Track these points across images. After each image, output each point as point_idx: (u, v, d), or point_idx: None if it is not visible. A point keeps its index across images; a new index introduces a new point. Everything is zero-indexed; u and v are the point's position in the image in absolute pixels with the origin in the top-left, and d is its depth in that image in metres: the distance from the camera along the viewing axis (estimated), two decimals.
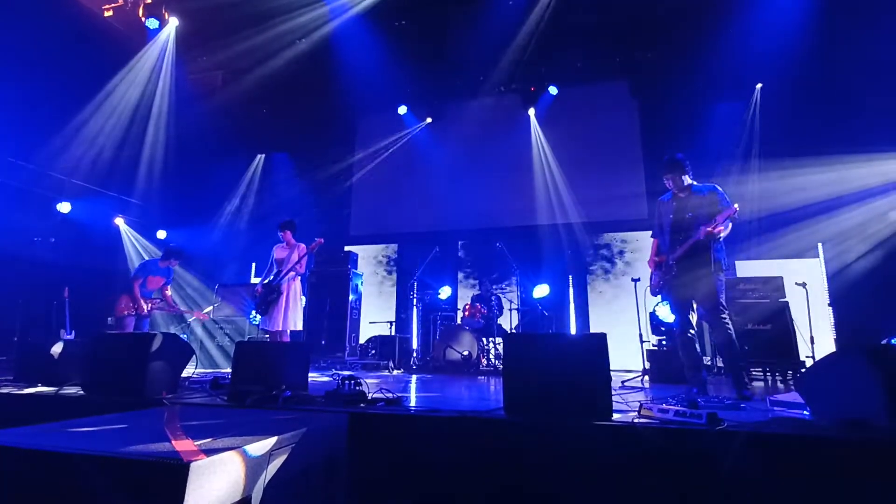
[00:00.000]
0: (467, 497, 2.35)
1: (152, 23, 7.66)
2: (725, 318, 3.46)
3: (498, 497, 2.31)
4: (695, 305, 3.69)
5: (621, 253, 8.24)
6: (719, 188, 3.72)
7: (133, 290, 5.80)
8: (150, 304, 5.89)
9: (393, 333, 7.21)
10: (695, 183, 3.80)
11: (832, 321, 6.59)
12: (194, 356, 5.91)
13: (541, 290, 7.02)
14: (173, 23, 7.95)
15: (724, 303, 3.50)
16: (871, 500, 1.90)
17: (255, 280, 8.49)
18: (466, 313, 6.56)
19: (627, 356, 5.63)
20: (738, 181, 7.29)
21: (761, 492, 2.00)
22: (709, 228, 3.42)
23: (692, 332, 3.66)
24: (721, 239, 3.55)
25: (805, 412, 2.53)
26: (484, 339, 6.46)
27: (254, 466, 1.61)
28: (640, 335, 5.15)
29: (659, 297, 4.12)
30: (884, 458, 1.92)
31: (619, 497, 2.17)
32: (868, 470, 1.93)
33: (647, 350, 5.11)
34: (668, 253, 3.73)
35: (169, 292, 6.07)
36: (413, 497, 2.42)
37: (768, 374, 5.42)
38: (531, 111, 8.96)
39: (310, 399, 3.01)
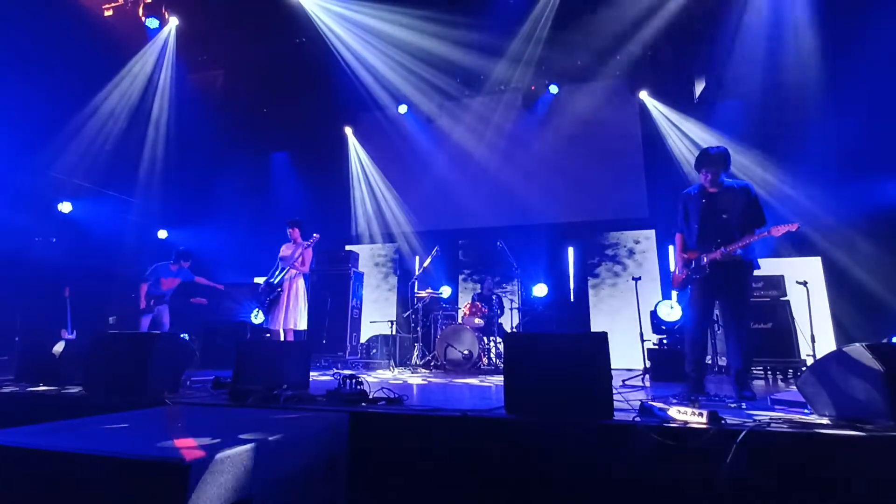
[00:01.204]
0: (468, 496, 2.35)
1: (152, 22, 7.65)
2: (748, 320, 3.45)
3: (499, 496, 2.31)
4: (716, 304, 3.68)
5: (626, 252, 8.23)
6: (753, 186, 3.59)
7: (139, 289, 6.22)
8: (151, 301, 6.26)
9: (394, 332, 7.21)
10: (726, 179, 3.67)
11: (832, 320, 6.59)
12: (195, 355, 5.93)
13: (540, 290, 7.02)
14: (173, 22, 7.94)
15: (749, 304, 3.49)
16: (872, 498, 1.90)
17: (257, 280, 8.49)
18: (467, 312, 6.56)
19: (628, 355, 5.63)
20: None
21: (762, 490, 2.00)
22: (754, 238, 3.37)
23: (706, 330, 3.65)
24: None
25: (806, 411, 2.53)
26: (485, 339, 6.47)
27: (255, 466, 1.62)
28: (641, 334, 5.14)
29: (680, 292, 4.07)
30: (885, 457, 1.92)
31: (619, 496, 2.17)
32: (869, 469, 1.93)
33: (647, 349, 5.10)
34: (699, 251, 3.62)
35: (199, 278, 6.74)
36: (413, 496, 2.43)
37: (769, 372, 5.42)
38: (531, 110, 8.94)
39: (311, 398, 3.02)
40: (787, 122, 7.09)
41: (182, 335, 5.63)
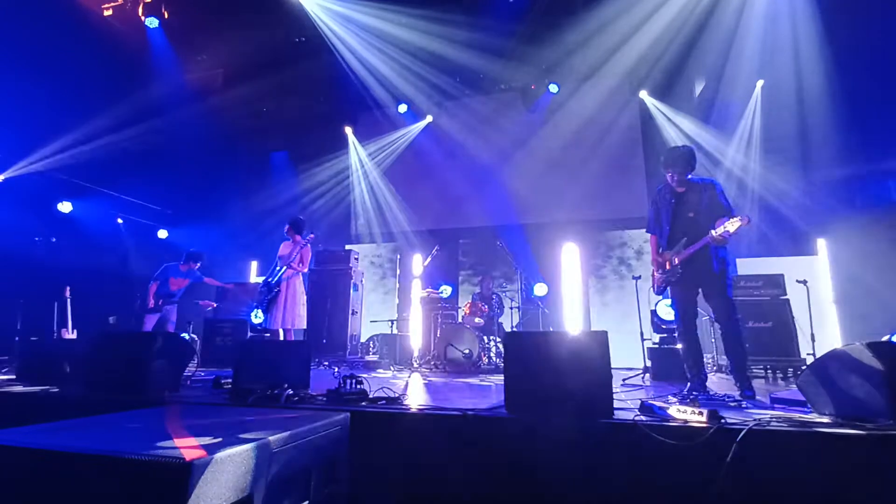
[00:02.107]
0: (468, 495, 2.35)
1: (152, 21, 7.64)
2: (736, 315, 3.44)
3: (499, 495, 2.31)
4: (698, 302, 3.67)
5: (626, 251, 8.23)
6: (718, 182, 3.62)
7: (148, 288, 6.27)
8: (160, 301, 6.30)
9: (394, 332, 7.20)
10: (692, 176, 3.68)
11: (837, 318, 6.58)
12: (196, 355, 5.95)
13: (540, 289, 7.02)
14: (173, 22, 7.93)
15: (733, 299, 3.47)
16: (873, 496, 1.90)
17: (257, 279, 8.50)
18: (467, 312, 6.56)
19: (628, 354, 5.63)
20: (738, 178, 7.29)
21: (762, 489, 2.00)
22: (715, 235, 3.33)
23: (694, 329, 3.64)
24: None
25: (806, 409, 2.53)
26: (485, 338, 6.46)
27: (255, 465, 1.62)
28: (641, 333, 5.14)
29: (660, 295, 4.08)
30: (885, 456, 1.92)
31: (620, 494, 2.17)
32: (869, 467, 1.93)
33: (648, 348, 5.10)
34: (670, 252, 3.65)
35: (208, 279, 6.79)
36: (414, 495, 2.43)
37: (769, 371, 5.41)
38: (532, 109, 8.94)
39: (311, 398, 3.02)
40: (787, 120, 7.09)
41: (182, 334, 5.64)
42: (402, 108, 9.42)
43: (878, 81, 6.36)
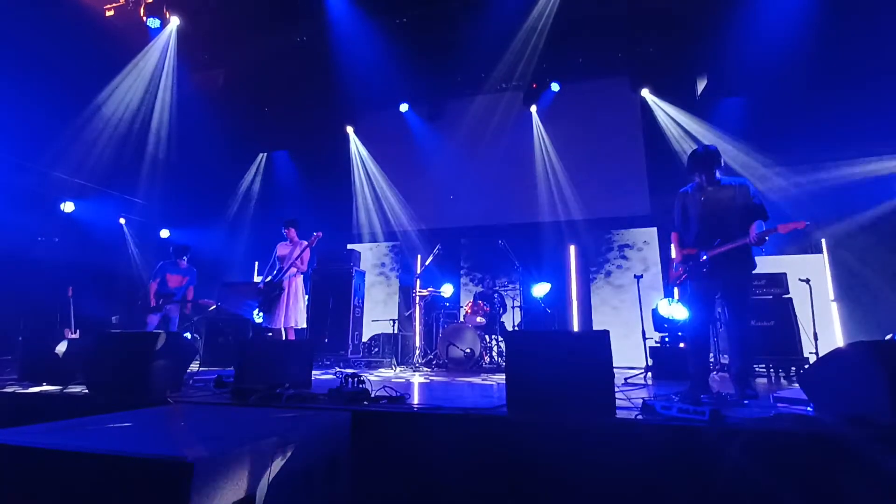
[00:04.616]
0: (470, 494, 2.35)
1: (153, 22, 7.65)
2: (749, 317, 3.41)
3: (500, 494, 2.31)
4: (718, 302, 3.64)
5: (628, 250, 8.21)
6: (751, 183, 3.55)
7: (149, 288, 6.20)
8: (160, 300, 6.17)
9: (396, 331, 7.21)
10: (722, 176, 3.63)
11: (836, 317, 6.56)
12: (198, 354, 5.97)
13: (540, 289, 7.01)
14: (174, 22, 7.94)
15: (750, 302, 3.44)
16: (874, 496, 1.89)
17: (257, 279, 8.50)
18: (469, 311, 6.56)
19: (630, 353, 5.62)
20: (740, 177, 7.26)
21: (764, 488, 2.00)
22: (755, 236, 3.23)
23: (707, 327, 3.61)
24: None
25: (808, 408, 2.53)
26: (487, 337, 6.46)
27: (257, 464, 1.62)
28: (643, 332, 5.13)
29: (676, 286, 4.02)
30: (887, 455, 1.92)
31: (622, 494, 2.17)
32: (871, 466, 1.92)
33: (649, 347, 5.09)
34: (697, 246, 3.58)
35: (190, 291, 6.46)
36: (416, 494, 2.43)
37: (771, 370, 5.40)
38: (533, 108, 8.93)
39: (313, 397, 3.02)
40: (790, 118, 7.05)
41: (185, 334, 5.66)
42: (404, 107, 9.41)
43: (883, 79, 6.33)
